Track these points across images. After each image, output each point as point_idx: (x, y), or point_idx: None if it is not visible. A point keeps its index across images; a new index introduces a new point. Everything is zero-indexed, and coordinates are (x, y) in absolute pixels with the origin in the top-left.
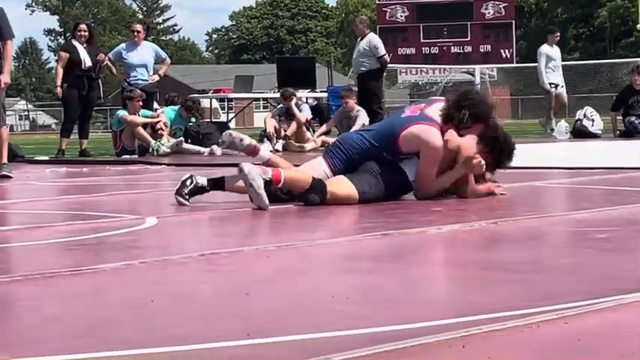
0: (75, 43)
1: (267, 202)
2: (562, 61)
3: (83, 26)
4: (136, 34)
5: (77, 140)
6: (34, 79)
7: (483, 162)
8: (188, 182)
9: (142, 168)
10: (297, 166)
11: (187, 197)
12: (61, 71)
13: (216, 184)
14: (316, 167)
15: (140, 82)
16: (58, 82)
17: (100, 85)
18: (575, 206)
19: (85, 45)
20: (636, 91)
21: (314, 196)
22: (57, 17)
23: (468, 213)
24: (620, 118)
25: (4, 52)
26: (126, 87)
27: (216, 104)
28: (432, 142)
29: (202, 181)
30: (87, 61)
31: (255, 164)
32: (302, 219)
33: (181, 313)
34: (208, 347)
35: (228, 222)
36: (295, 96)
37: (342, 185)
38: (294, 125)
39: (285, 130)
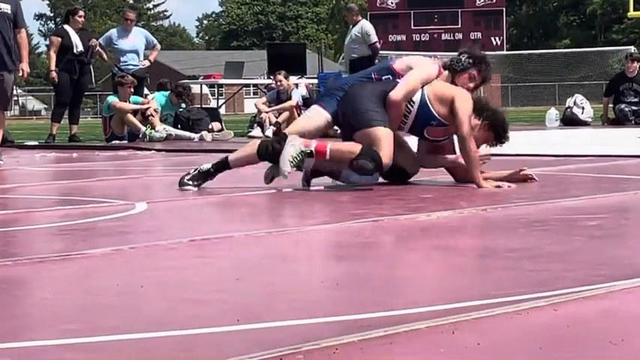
0: (67, 28)
1: (286, 172)
2: (551, 49)
3: (82, 12)
4: (129, 22)
5: (67, 125)
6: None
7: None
8: (191, 170)
9: (132, 153)
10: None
11: (193, 183)
12: (53, 56)
13: (222, 164)
14: (315, 117)
15: (130, 67)
16: (52, 67)
17: (92, 70)
18: (565, 194)
19: (80, 29)
20: (628, 79)
21: (364, 161)
22: (47, 2)
23: (458, 200)
24: (611, 105)
25: (21, 41)
26: (116, 72)
27: (206, 90)
28: (426, 64)
29: (206, 166)
30: (79, 45)
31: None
32: (292, 205)
33: (171, 298)
34: (198, 333)
35: (218, 208)
36: (288, 77)
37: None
38: (286, 112)
39: (276, 117)
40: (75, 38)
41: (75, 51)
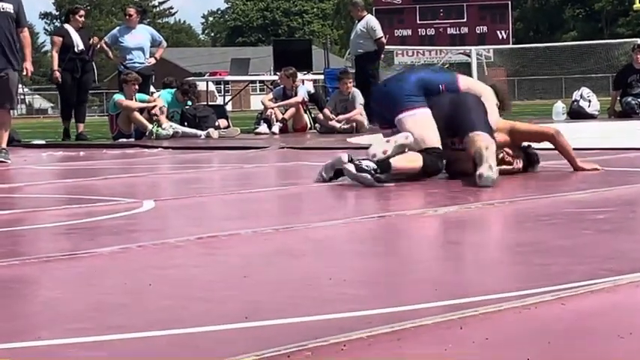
0: (67, 27)
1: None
2: (558, 42)
3: (83, 12)
4: (127, 17)
5: (73, 124)
6: None
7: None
8: (365, 167)
9: (139, 151)
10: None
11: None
12: (56, 55)
13: (387, 168)
14: (428, 118)
15: (136, 65)
16: (55, 67)
17: (94, 68)
18: (573, 187)
19: (80, 28)
20: (636, 70)
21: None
22: (52, 0)
23: (466, 195)
24: (618, 98)
25: (24, 40)
26: (122, 70)
27: (212, 87)
28: (491, 92)
29: (371, 165)
30: (79, 44)
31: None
32: (298, 202)
33: (178, 296)
34: (206, 330)
35: (225, 205)
36: (296, 77)
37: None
38: (292, 109)
39: (282, 113)
40: (75, 37)
41: (76, 50)
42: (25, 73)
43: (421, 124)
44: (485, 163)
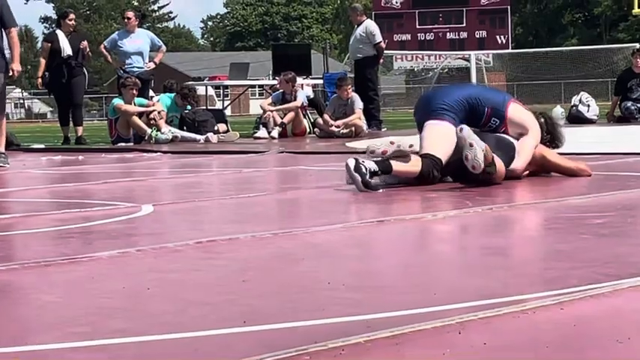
0: (58, 32)
1: (481, 161)
2: (557, 47)
3: (73, 16)
4: (126, 20)
5: (72, 128)
6: (29, 67)
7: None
8: (363, 170)
9: (138, 155)
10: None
11: (377, 186)
12: (43, 62)
13: (387, 170)
14: (451, 134)
15: (135, 69)
16: (39, 73)
17: (85, 72)
18: (572, 192)
19: (71, 32)
20: (635, 74)
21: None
22: (52, 5)
23: (464, 199)
24: (618, 103)
25: (11, 41)
26: (121, 75)
27: (211, 91)
28: (538, 129)
29: (373, 166)
30: (67, 49)
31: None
32: (297, 207)
33: (178, 300)
34: (205, 334)
35: (224, 209)
36: (295, 81)
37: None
38: (291, 113)
39: (281, 117)
40: (64, 42)
41: (63, 54)
42: (11, 74)
43: (437, 134)
44: (465, 146)
